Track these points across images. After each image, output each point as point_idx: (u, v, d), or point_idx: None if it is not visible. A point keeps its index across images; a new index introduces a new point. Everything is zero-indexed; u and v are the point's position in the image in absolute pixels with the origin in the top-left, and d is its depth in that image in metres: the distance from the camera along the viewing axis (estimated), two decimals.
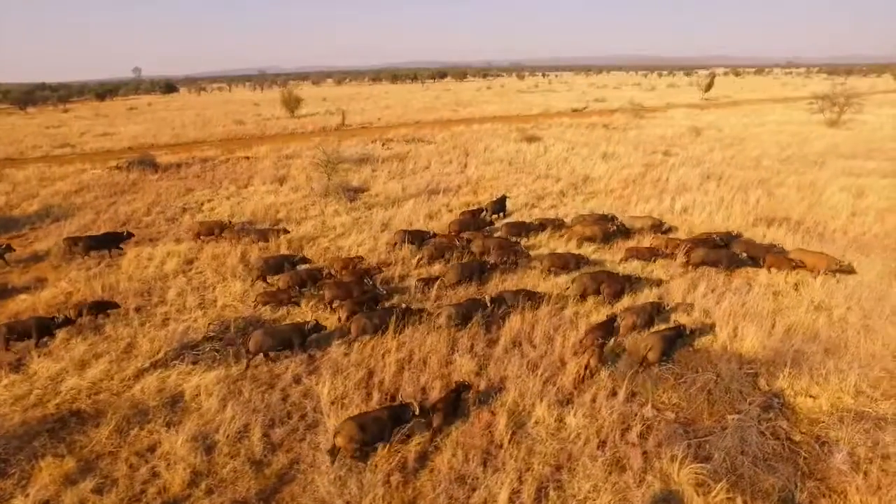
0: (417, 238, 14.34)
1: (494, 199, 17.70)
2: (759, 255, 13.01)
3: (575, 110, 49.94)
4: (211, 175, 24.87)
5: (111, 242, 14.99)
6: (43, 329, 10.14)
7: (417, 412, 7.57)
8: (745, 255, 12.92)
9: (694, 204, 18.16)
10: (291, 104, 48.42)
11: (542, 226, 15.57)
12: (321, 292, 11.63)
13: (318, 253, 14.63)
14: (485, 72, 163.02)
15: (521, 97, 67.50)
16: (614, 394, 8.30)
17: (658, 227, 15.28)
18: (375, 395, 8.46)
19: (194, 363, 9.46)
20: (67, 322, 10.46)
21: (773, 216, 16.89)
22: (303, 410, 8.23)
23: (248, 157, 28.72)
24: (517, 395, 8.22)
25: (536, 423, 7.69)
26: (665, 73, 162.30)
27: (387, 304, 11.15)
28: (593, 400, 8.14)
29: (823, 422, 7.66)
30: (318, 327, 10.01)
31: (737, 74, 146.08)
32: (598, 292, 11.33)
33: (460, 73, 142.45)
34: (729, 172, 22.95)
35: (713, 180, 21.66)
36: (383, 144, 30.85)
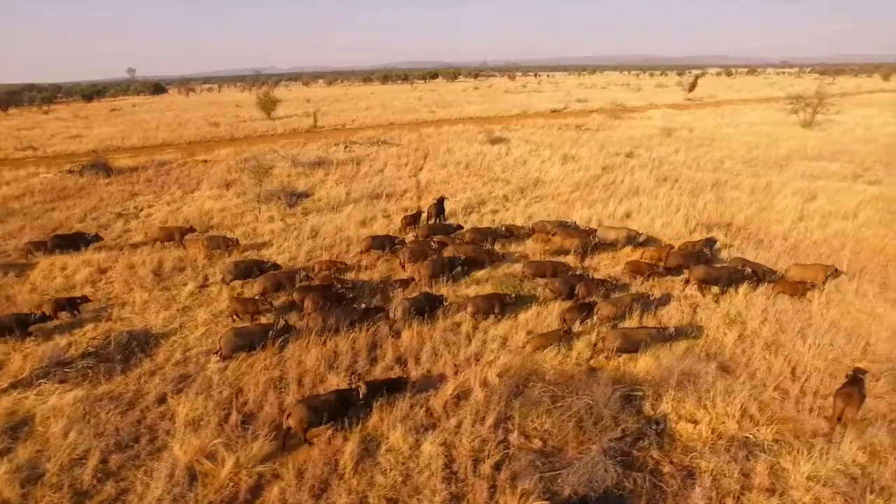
0: (388, 243, 14.28)
1: (433, 202, 17.23)
2: (758, 271, 12.13)
3: (554, 111, 49.43)
4: (163, 179, 24.41)
5: (79, 242, 15.11)
6: (21, 326, 10.25)
7: (364, 394, 7.78)
8: (749, 270, 12.00)
9: (639, 208, 17.67)
10: (268, 106, 47.88)
11: (509, 232, 15.17)
12: (292, 296, 11.46)
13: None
14: (477, 72, 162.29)
15: (504, 98, 66.96)
16: (485, 418, 7.82)
17: (633, 238, 14.39)
18: (234, 416, 7.99)
19: (62, 382, 8.99)
20: (44, 318, 10.59)
21: (716, 221, 16.41)
22: (154, 433, 7.76)
23: (206, 161, 28.25)
24: (378, 419, 7.74)
25: (388, 450, 7.20)
26: (658, 73, 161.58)
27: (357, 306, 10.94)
28: (459, 424, 7.65)
29: (698, 450, 7.16)
30: (287, 328, 10.01)
31: (728, 74, 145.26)
32: (571, 295, 11.27)
33: (452, 73, 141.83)
34: (688, 175, 22.47)
35: (669, 183, 21.17)
36: (345, 147, 30.36)
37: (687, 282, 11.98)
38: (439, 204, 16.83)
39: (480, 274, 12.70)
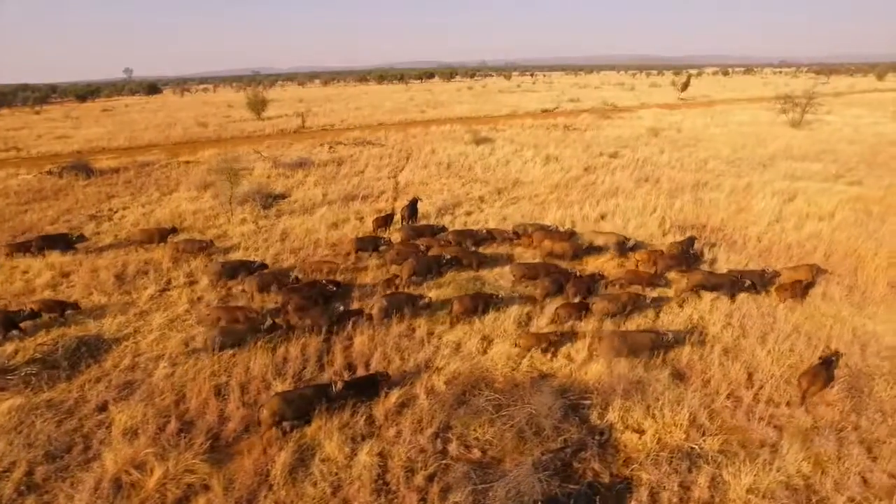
0: (371, 245, 14.23)
1: (406, 204, 17.07)
2: (756, 281, 11.73)
3: (544, 111, 49.20)
4: (143, 181, 24.20)
5: (64, 243, 15.01)
6: (9, 323, 10.35)
7: (340, 388, 7.82)
8: (748, 282, 11.56)
9: (615, 210, 17.48)
10: (257, 106, 47.67)
11: (489, 234, 15.03)
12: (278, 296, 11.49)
13: (201, 263, 13.96)
14: (473, 72, 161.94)
15: (497, 98, 66.71)
16: (430, 424, 7.63)
17: (622, 244, 13.86)
18: (173, 424, 7.80)
19: (1, 389, 8.80)
20: (33, 315, 10.68)
21: (691, 222, 16.23)
22: (88, 442, 7.57)
23: (188, 162, 28.05)
24: (317, 427, 7.55)
25: (323, 460, 7.01)
26: (654, 72, 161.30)
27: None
28: (398, 434, 7.46)
29: (640, 462, 6.97)
30: (274, 327, 9.99)
31: (725, 74, 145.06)
32: (560, 292, 11.32)
33: (448, 73, 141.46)
34: (669, 175, 22.28)
35: (650, 184, 21.00)
36: (330, 148, 30.17)
37: (691, 288, 11.53)
38: (412, 206, 16.65)
39: (443, 278, 12.50)
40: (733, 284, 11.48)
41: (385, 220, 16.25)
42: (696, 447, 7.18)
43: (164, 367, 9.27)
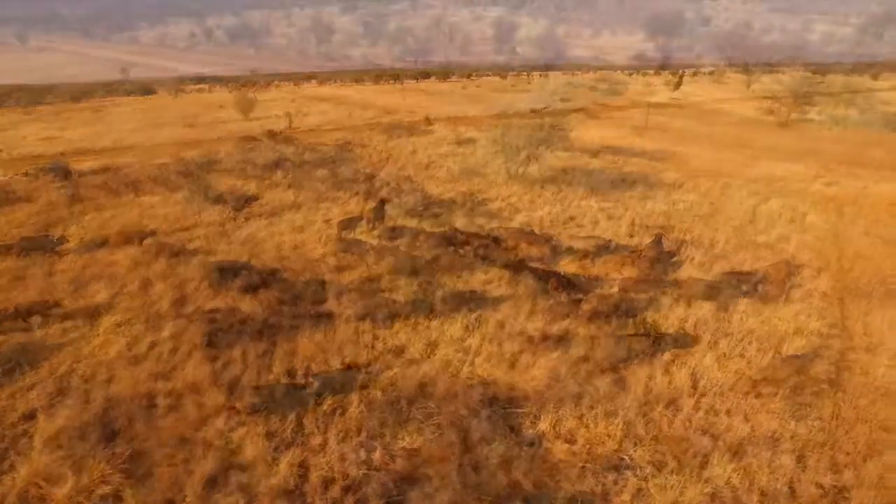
0: (353, 247, 14.19)
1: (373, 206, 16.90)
2: (748, 282, 11.47)
3: (534, 111, 48.89)
4: (120, 182, 23.96)
5: (46, 245, 14.90)
6: None
7: (316, 387, 8.12)
8: (744, 286, 11.35)
9: (587, 211, 17.30)
10: (245, 107, 47.50)
11: (463, 235, 14.75)
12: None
13: (161, 267, 13.77)
14: (470, 72, 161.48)
15: (489, 97, 66.20)
16: (358, 433, 7.45)
17: (604, 248, 13.52)
18: (98, 432, 7.62)
19: None
20: (23, 315, 10.72)
21: (661, 224, 16.00)
22: (5, 454, 7.37)
23: (168, 164, 27.83)
24: (244, 433, 7.38)
25: (243, 469, 6.83)
26: (651, 72, 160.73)
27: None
28: (324, 442, 7.28)
29: (564, 473, 6.78)
30: (259, 327, 9.96)
31: (722, 74, 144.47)
32: (546, 291, 11.23)
33: (444, 73, 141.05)
34: (646, 175, 22.08)
35: (626, 184, 20.80)
36: (312, 149, 29.94)
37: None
38: (379, 208, 16.47)
39: (397, 282, 12.30)
40: (730, 291, 11.17)
41: (350, 223, 16.05)
42: (626, 458, 7.00)
43: (102, 372, 9.10)
